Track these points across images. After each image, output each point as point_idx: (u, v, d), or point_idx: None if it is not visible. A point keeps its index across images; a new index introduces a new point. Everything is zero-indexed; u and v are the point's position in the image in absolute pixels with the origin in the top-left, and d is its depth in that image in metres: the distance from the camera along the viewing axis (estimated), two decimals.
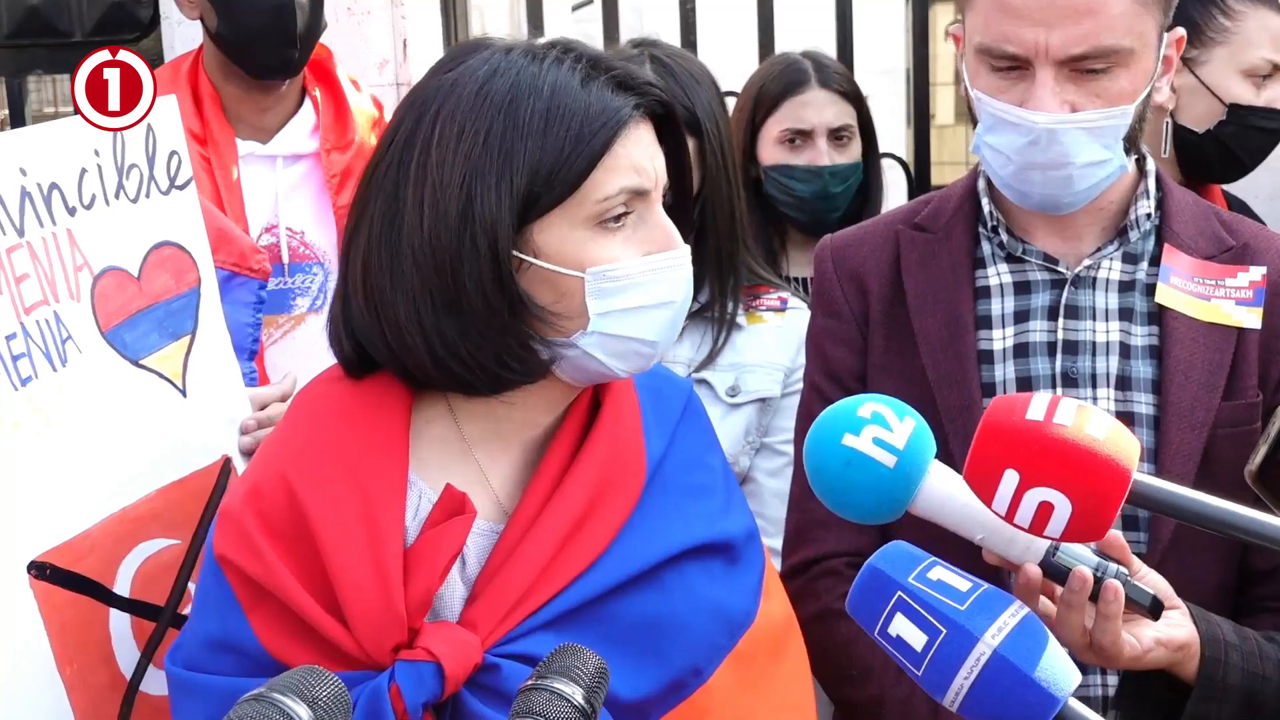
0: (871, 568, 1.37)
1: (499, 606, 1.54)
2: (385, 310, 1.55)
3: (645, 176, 1.57)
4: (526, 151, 1.51)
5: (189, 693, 1.58)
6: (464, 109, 1.53)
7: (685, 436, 1.69)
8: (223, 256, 2.24)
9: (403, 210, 1.54)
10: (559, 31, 6.06)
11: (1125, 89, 1.85)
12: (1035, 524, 1.29)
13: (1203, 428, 1.90)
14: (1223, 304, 1.95)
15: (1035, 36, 1.82)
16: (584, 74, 1.55)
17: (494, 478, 1.63)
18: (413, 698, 1.47)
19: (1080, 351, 1.95)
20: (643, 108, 1.57)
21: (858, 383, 2.03)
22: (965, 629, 1.29)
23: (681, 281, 1.60)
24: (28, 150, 1.83)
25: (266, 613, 1.55)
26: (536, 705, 1.26)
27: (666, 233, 1.59)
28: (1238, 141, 2.80)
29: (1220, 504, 1.28)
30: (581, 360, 1.58)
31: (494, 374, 1.56)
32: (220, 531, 1.60)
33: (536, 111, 1.52)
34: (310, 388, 1.70)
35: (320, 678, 1.25)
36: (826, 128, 3.15)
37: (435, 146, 1.53)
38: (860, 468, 1.42)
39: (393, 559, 1.53)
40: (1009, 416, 1.31)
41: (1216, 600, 1.88)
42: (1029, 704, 1.28)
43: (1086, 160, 1.86)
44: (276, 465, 1.60)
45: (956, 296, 2.00)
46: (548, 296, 1.55)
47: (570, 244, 1.54)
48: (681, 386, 1.77)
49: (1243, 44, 2.75)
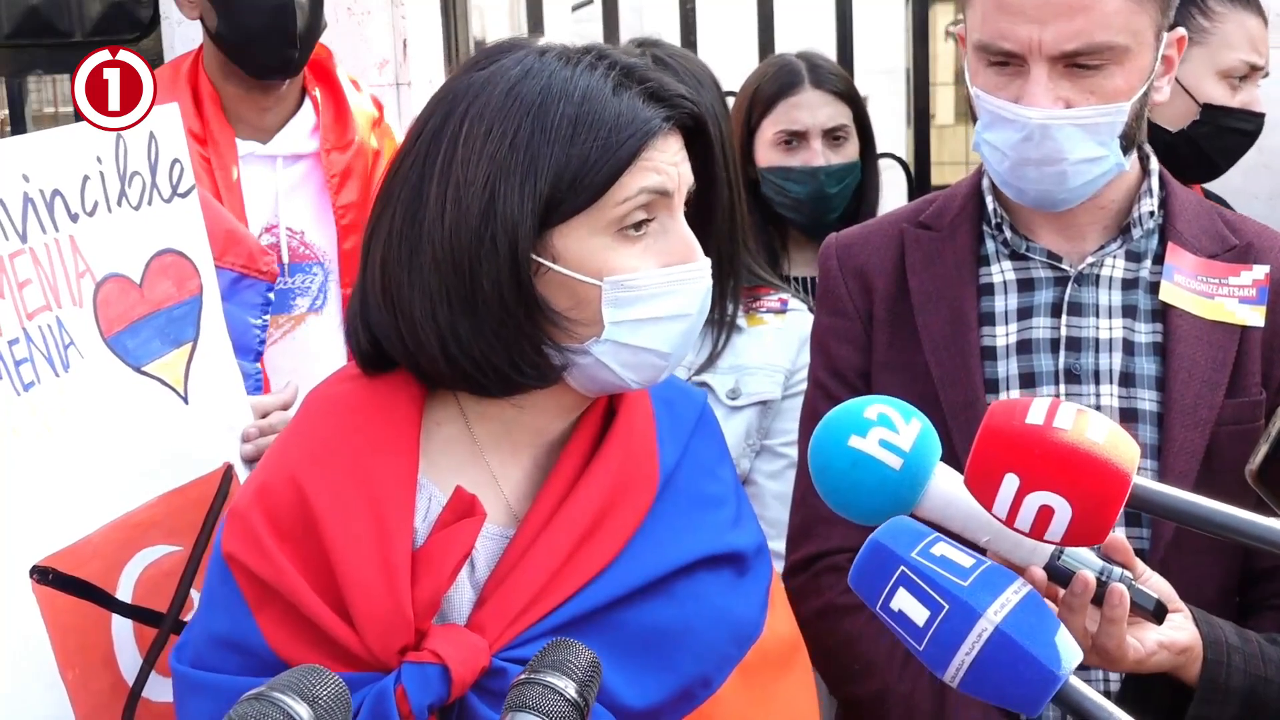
0: (875, 542, 1.36)
1: (507, 611, 1.54)
2: (402, 305, 1.55)
3: (668, 178, 1.56)
4: (552, 156, 1.50)
5: (194, 690, 1.58)
6: (493, 108, 1.53)
7: (698, 448, 1.69)
8: (231, 258, 2.25)
9: (425, 206, 1.54)
10: (559, 32, 6.07)
11: (1120, 86, 1.86)
12: (1036, 528, 1.29)
13: (1206, 425, 1.90)
14: (1226, 302, 1.95)
15: (1029, 33, 1.83)
16: (616, 82, 1.54)
17: (505, 482, 1.63)
18: (418, 700, 1.47)
19: (1083, 348, 1.96)
20: (674, 120, 1.57)
21: (862, 380, 2.04)
22: (968, 605, 1.29)
23: (699, 295, 1.60)
24: (31, 156, 1.83)
25: (274, 612, 1.55)
26: (530, 699, 1.26)
27: (687, 244, 1.59)
28: (1211, 142, 2.81)
29: (1220, 507, 1.27)
30: (593, 369, 1.57)
31: (506, 376, 1.55)
32: (228, 530, 1.60)
33: (565, 116, 1.51)
34: (323, 386, 1.70)
35: (321, 677, 1.25)
36: (821, 128, 3.14)
37: (462, 143, 1.53)
38: (866, 469, 1.42)
39: (401, 560, 1.52)
40: (1009, 421, 1.31)
41: (1219, 598, 1.89)
42: (1030, 681, 1.27)
43: (1080, 156, 1.87)
44: (286, 464, 1.60)
45: (960, 294, 2.00)
46: (564, 302, 1.54)
47: (590, 251, 1.53)
48: (695, 398, 1.77)
49: (1220, 45, 2.76)
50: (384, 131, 3.30)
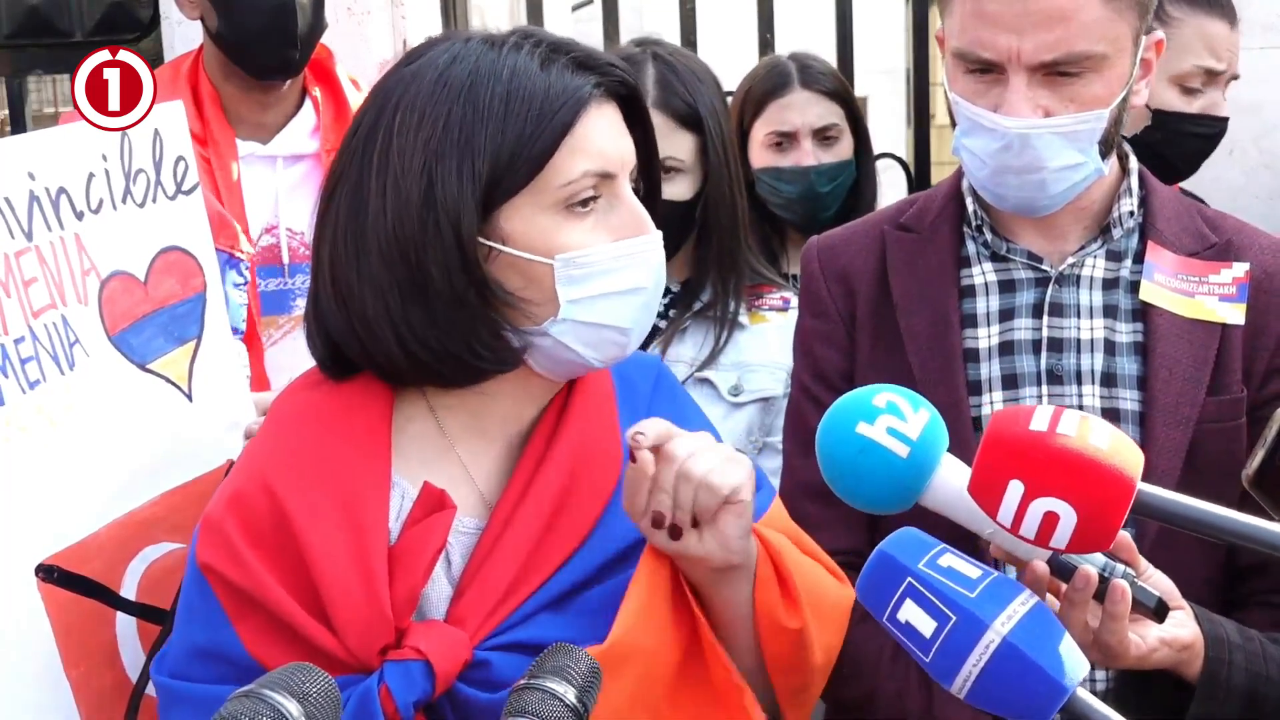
0: (882, 553, 1.36)
1: (485, 601, 1.54)
2: (353, 303, 1.55)
3: (609, 160, 1.56)
4: (487, 135, 1.51)
5: (176, 701, 1.57)
6: (424, 97, 1.53)
7: (659, 412, 1.66)
8: (220, 242, 2.26)
9: (366, 200, 1.54)
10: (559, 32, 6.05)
11: (1099, 93, 1.85)
12: (1041, 535, 1.28)
13: (1188, 424, 1.90)
14: (1206, 300, 1.95)
15: (1008, 42, 1.82)
16: (543, 57, 1.55)
17: (477, 474, 1.63)
18: (403, 698, 1.47)
19: (1065, 349, 1.96)
20: (604, 87, 1.57)
21: (845, 383, 2.02)
22: (975, 616, 1.29)
23: (653, 267, 1.60)
24: (36, 154, 1.84)
25: (253, 621, 1.54)
26: (529, 705, 1.26)
27: (637, 216, 1.59)
28: (1169, 148, 2.77)
29: (1225, 513, 1.26)
30: (554, 349, 1.57)
31: (464, 362, 1.55)
32: (203, 540, 1.58)
33: (496, 95, 1.51)
34: (288, 393, 1.69)
35: (310, 674, 1.25)
36: (810, 128, 3.15)
37: (396, 134, 1.53)
38: (873, 456, 1.41)
39: (377, 560, 1.52)
40: (1013, 428, 1.30)
41: (1204, 592, 1.89)
42: (1037, 692, 1.27)
43: (1060, 164, 1.87)
44: (258, 471, 1.59)
45: (942, 296, 2.00)
46: (517, 283, 1.54)
47: (538, 230, 1.53)
48: (648, 364, 1.76)
49: (1176, 51, 2.70)
50: None
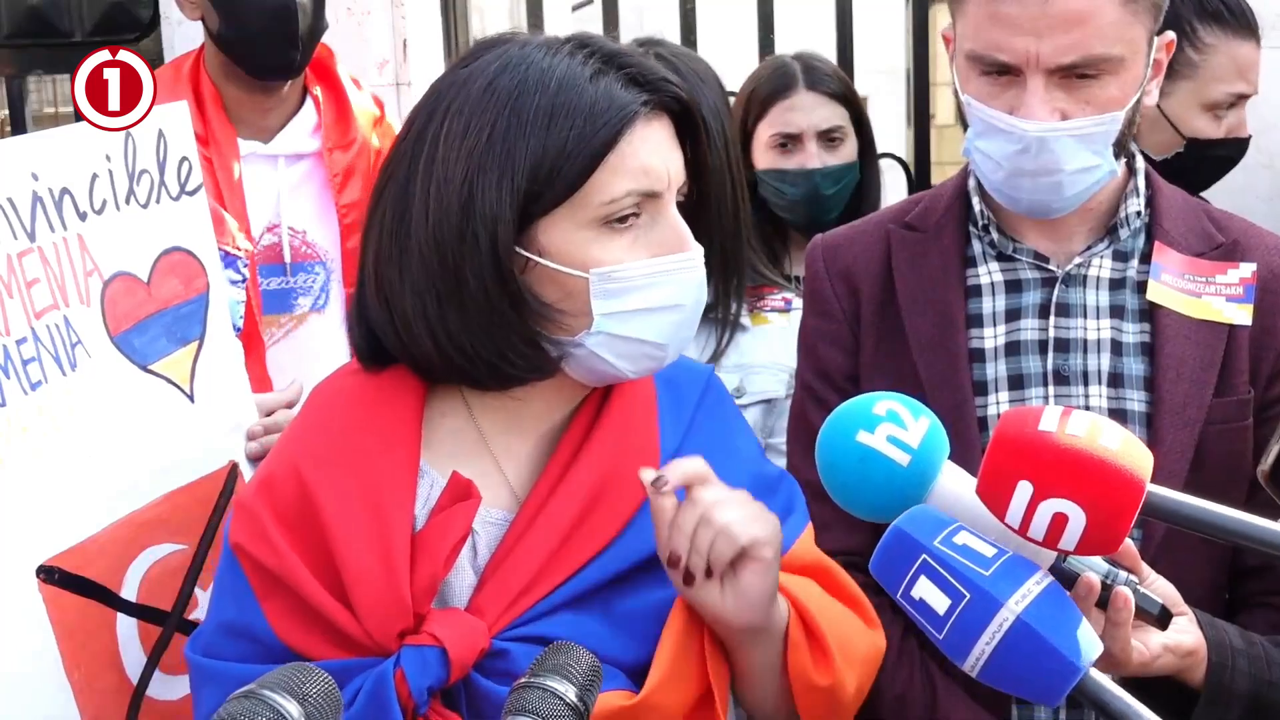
0: (897, 530, 1.34)
1: (506, 592, 1.55)
2: (394, 301, 1.57)
3: (655, 178, 1.55)
4: (528, 148, 1.51)
5: (206, 679, 1.60)
6: (471, 104, 1.54)
7: (704, 424, 1.68)
8: (221, 241, 2.25)
9: (411, 204, 1.56)
10: (559, 32, 6.05)
11: (1115, 96, 1.85)
12: (1050, 536, 1.27)
13: (1195, 424, 1.90)
14: (1213, 301, 1.95)
15: (1026, 45, 1.81)
16: (595, 68, 1.54)
17: (509, 468, 1.64)
18: (417, 682, 1.49)
19: (1072, 349, 1.95)
20: (654, 104, 1.56)
21: (850, 383, 2.02)
22: (989, 594, 1.27)
23: (692, 284, 1.59)
24: (39, 155, 1.84)
25: (279, 600, 1.58)
26: (530, 703, 1.26)
27: (678, 234, 1.58)
28: (1194, 173, 2.75)
29: (1233, 514, 1.26)
30: (589, 360, 1.58)
31: (496, 368, 1.57)
32: (235, 521, 1.63)
33: (540, 108, 1.51)
34: (328, 380, 1.72)
35: (310, 675, 1.25)
36: (815, 130, 3.13)
37: (443, 141, 1.54)
38: (873, 465, 1.40)
39: (399, 545, 1.54)
40: (1021, 428, 1.29)
41: (1208, 596, 1.89)
42: (1050, 672, 1.26)
43: (1076, 167, 1.86)
44: (289, 456, 1.63)
45: (947, 296, 2.00)
46: (553, 295, 1.55)
47: (575, 244, 1.54)
48: (699, 373, 1.76)
49: (1208, 79, 2.70)
50: (385, 130, 3.29)
